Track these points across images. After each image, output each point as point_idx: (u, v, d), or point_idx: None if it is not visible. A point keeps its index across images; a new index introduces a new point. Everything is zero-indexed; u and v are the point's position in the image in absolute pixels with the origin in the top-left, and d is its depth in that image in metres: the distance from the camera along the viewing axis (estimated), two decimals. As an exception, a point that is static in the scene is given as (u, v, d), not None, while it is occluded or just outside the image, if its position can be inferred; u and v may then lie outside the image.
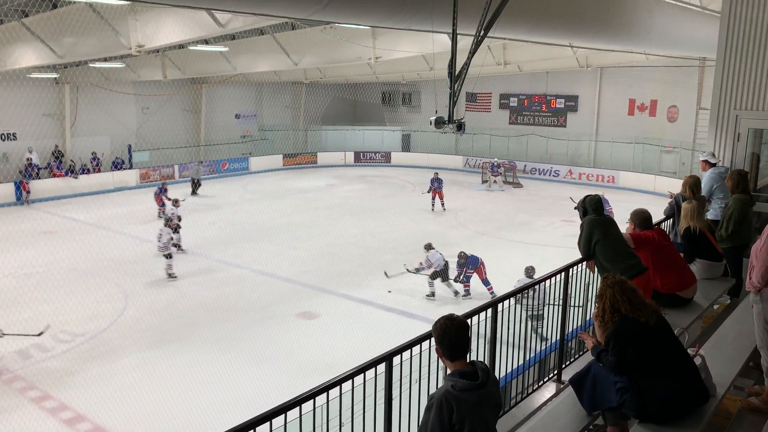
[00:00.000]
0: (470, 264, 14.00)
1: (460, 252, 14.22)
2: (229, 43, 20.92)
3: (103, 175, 27.22)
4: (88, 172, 27.21)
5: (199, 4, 5.71)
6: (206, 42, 18.92)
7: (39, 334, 11.06)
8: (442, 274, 13.93)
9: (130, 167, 28.64)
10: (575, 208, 5.78)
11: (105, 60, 21.17)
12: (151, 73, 24.57)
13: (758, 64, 7.80)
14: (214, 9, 9.87)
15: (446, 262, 13.99)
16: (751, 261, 4.55)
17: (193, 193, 26.41)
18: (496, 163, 28.79)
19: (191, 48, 20.38)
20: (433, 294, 13.99)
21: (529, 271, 12.30)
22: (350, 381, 3.45)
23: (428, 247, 14.39)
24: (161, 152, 29.63)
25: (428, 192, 23.53)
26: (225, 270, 16.07)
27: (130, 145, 29.23)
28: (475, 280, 14.06)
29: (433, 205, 23.51)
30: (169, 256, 15.21)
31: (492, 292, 13.46)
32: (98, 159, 27.94)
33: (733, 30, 7.92)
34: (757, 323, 4.52)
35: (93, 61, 21.94)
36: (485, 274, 14.03)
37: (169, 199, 19.45)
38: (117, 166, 28.31)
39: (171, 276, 15.16)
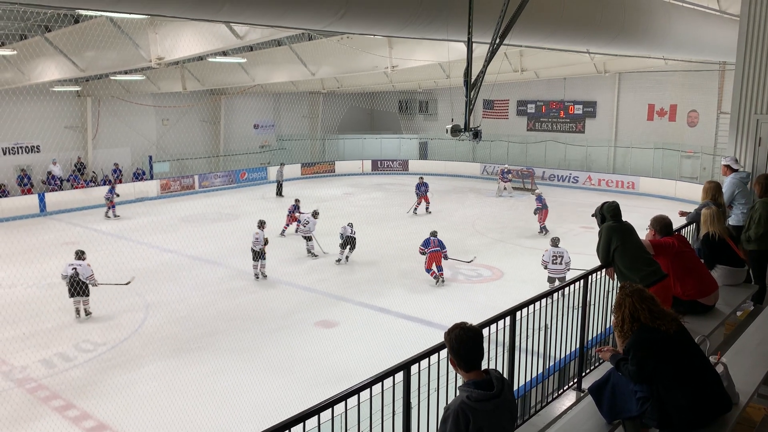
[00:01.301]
0: (430, 245, 15.53)
1: (433, 231, 16.05)
2: (247, 54, 21.14)
3: (125, 185, 27.59)
4: (110, 183, 27.58)
5: (217, 17, 5.78)
6: (225, 53, 19.15)
7: (127, 283, 14.15)
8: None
9: (151, 178, 28.99)
10: (593, 216, 5.75)
11: (126, 73, 21.51)
12: (171, 85, 24.88)
13: (778, 68, 7.71)
14: (232, 22, 10.00)
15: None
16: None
17: (279, 194, 28.05)
18: (505, 170, 28.73)
19: (210, 60, 20.62)
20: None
21: (555, 241, 14.00)
22: (368, 390, 3.46)
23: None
24: (181, 163, 29.98)
25: (417, 197, 24.39)
26: (243, 279, 16.17)
27: (150, 156, 29.61)
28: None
29: (416, 209, 24.17)
30: (261, 255, 16.07)
31: (435, 278, 15.41)
32: (119, 170, 28.35)
33: (753, 33, 7.84)
34: (780, 330, 4.44)
35: (114, 74, 22.30)
36: (438, 261, 15.53)
37: (301, 212, 20.07)
38: (138, 177, 28.67)
39: (261, 276, 15.98)
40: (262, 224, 16.56)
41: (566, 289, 5.27)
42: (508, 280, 15.83)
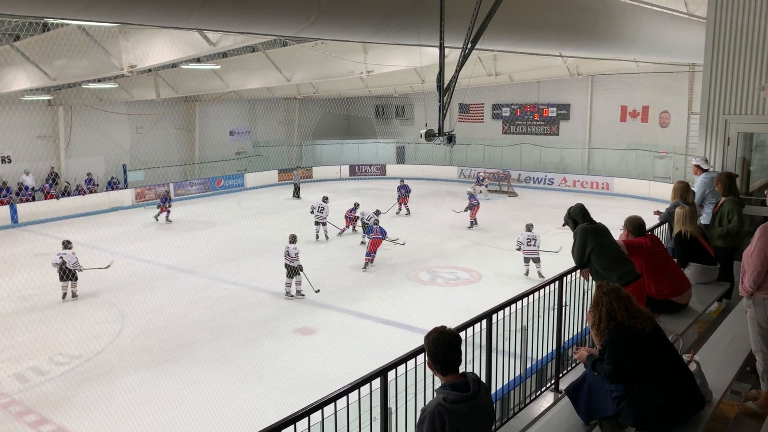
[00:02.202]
0: (373, 231, 17.49)
1: (376, 219, 18.30)
2: (220, 60, 21.01)
3: (99, 195, 27.19)
4: (83, 193, 27.19)
5: (187, 24, 5.73)
6: (198, 60, 18.99)
7: (107, 267, 15.79)
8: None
9: (125, 187, 28.63)
10: (564, 225, 5.79)
11: (98, 81, 21.22)
12: (144, 92, 24.62)
13: (745, 69, 7.88)
14: (203, 29, 9.92)
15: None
16: (743, 265, 4.56)
17: (296, 196, 29.13)
18: (481, 177, 29.11)
19: (183, 67, 20.46)
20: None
21: (530, 227, 16.36)
22: (345, 398, 3.44)
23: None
24: (156, 171, 29.63)
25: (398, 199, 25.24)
26: (221, 287, 16.01)
27: (124, 165, 29.24)
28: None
29: (399, 210, 24.97)
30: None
31: (368, 263, 17.18)
32: (93, 180, 27.96)
33: (719, 36, 8.00)
34: (751, 327, 4.52)
35: (86, 83, 21.99)
36: (375, 247, 17.47)
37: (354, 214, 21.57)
38: (112, 186, 28.30)
39: (297, 294, 15.11)
40: (294, 238, 15.39)
41: (542, 290, 5.29)
42: (486, 282, 15.90)
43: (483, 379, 4.43)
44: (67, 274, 14.94)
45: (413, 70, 24.00)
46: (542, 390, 5.21)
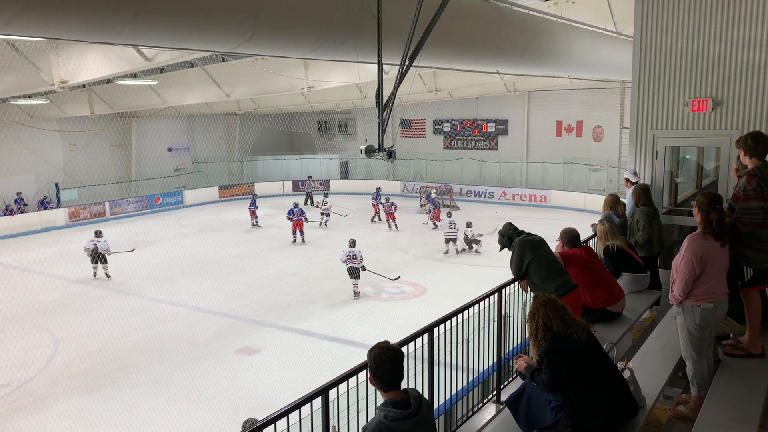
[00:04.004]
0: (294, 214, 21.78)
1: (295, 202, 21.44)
2: (158, 76, 20.58)
3: (29, 215, 26.04)
4: (12, 213, 26.00)
5: (118, 40, 5.57)
6: (134, 76, 18.56)
7: (132, 250, 19.22)
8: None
9: (58, 206, 27.55)
10: (501, 249, 5.87)
11: (28, 97, 20.44)
12: (78, 108, 23.88)
13: (670, 86, 8.24)
14: (134, 45, 9.71)
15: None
16: (672, 274, 4.72)
17: (309, 203, 30.46)
18: (431, 192, 29.56)
19: (118, 82, 19.91)
20: None
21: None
22: (285, 419, 3.37)
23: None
24: (91, 189, 28.63)
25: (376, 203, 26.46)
26: (159, 308, 15.56)
27: (57, 183, 28.16)
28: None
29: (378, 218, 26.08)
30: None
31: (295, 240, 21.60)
32: (23, 199, 26.79)
33: (646, 54, 8.34)
34: (681, 334, 4.67)
35: (14, 99, 21.13)
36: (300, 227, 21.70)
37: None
38: (44, 205, 27.17)
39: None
40: (353, 242, 16.58)
41: (483, 302, 5.34)
42: (430, 296, 16.01)
43: (426, 393, 4.44)
44: (98, 258, 17.90)
45: (355, 86, 24.13)
46: (484, 402, 5.26)
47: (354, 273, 15.95)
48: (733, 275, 4.89)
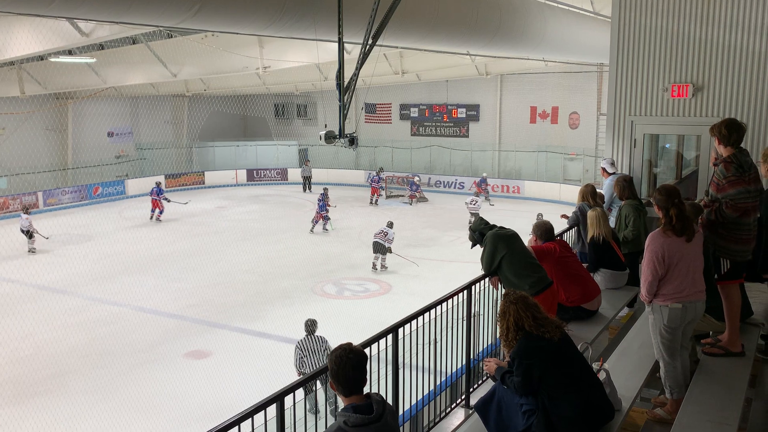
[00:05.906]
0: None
1: None
2: (96, 53, 20.13)
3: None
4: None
5: (49, 12, 5.38)
6: (69, 53, 18.11)
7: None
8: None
9: (-16, 197, 26.76)
10: (472, 246, 5.88)
11: (-53, 75, 19.82)
12: (6, 88, 23.22)
13: (650, 70, 8.37)
14: (69, 17, 9.44)
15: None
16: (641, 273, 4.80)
17: (307, 189, 31.35)
18: (414, 180, 29.65)
19: (52, 60, 19.41)
20: None
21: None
22: (237, 428, 3.34)
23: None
24: (22, 178, 27.88)
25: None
26: (99, 309, 15.27)
27: (-18, 172, 27.35)
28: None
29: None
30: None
31: None
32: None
33: (624, 36, 8.46)
34: (653, 335, 4.76)
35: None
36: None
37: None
38: (-33, 196, 26.38)
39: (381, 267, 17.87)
40: (391, 224, 18.64)
41: (452, 299, 5.37)
42: (396, 293, 16.07)
43: (390, 397, 4.45)
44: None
45: (315, 67, 23.98)
46: (452, 407, 5.29)
47: (379, 248, 17.65)
48: (708, 271, 4.95)
